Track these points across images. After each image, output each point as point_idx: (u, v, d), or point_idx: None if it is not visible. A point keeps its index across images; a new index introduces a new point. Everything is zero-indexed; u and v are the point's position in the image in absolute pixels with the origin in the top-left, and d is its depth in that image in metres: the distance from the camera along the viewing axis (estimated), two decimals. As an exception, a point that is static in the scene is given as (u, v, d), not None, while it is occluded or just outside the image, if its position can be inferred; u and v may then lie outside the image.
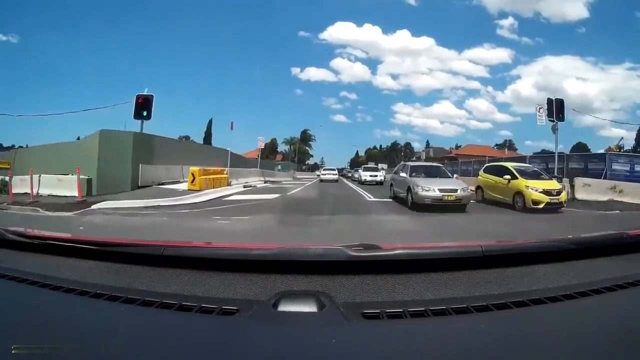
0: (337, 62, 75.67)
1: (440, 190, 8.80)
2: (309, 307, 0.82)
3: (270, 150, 67.71)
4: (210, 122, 64.21)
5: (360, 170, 26.08)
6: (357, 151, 78.66)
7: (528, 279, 1.02)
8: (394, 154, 73.05)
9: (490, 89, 68.71)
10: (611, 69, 67.41)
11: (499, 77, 77.60)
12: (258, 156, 28.53)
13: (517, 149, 57.21)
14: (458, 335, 0.77)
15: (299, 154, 72.52)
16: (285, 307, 0.82)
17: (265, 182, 21.51)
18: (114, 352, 0.70)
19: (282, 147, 72.94)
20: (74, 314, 0.87)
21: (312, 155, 77.33)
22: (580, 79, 67.66)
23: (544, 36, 65.84)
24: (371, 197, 13.03)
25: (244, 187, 16.14)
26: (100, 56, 77.91)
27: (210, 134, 62.67)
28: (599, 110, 62.38)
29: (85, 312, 0.88)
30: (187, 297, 0.88)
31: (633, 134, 52.02)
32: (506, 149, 58.36)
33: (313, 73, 73.36)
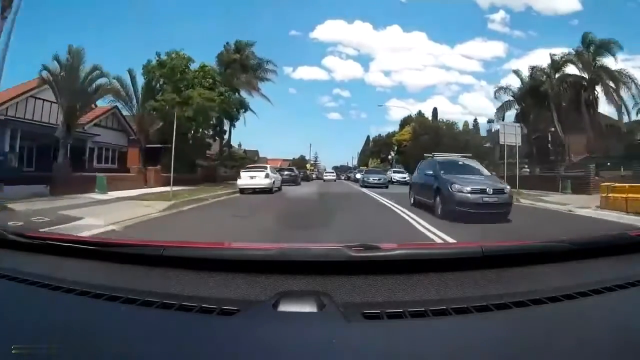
0: (329, 60, 74.34)
1: None
2: (309, 307, 0.82)
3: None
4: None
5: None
6: (368, 136, 61.96)
7: (528, 279, 1.02)
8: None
9: (484, 83, 67.23)
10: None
11: (492, 71, 76.16)
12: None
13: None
14: (458, 335, 0.77)
15: (225, 104, 21.02)
16: (286, 307, 0.82)
17: None
18: (114, 352, 0.70)
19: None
20: (74, 314, 0.88)
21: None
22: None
23: (536, 29, 64.47)
24: None
25: None
26: None
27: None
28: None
29: (86, 312, 0.88)
30: (187, 297, 0.88)
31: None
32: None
33: (306, 72, 71.16)
